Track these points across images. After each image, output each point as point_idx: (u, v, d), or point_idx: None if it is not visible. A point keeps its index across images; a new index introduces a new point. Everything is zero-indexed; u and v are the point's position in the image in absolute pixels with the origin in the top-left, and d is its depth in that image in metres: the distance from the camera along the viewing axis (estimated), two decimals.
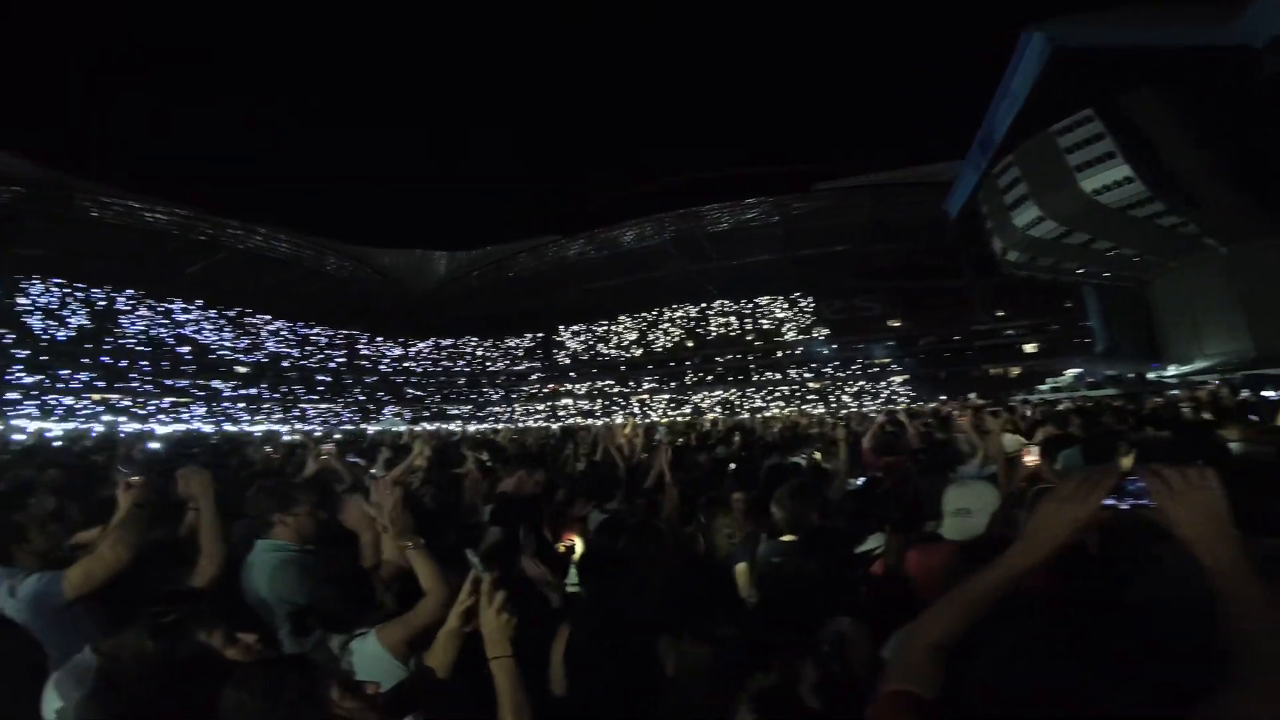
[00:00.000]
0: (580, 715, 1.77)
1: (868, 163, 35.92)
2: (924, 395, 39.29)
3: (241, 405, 44.30)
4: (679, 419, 34.98)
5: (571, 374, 56.53)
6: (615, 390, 54.38)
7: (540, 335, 57.59)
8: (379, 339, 55.96)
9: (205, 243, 40.67)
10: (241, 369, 46.37)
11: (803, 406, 43.40)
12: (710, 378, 52.71)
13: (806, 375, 49.45)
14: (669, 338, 55.08)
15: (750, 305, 52.86)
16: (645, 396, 53.21)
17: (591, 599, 2.24)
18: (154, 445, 9.07)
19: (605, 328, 57.15)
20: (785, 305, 51.91)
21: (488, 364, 59.11)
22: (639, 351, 55.47)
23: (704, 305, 54.04)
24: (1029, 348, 44.21)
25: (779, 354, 51.12)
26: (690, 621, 1.77)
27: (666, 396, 52.55)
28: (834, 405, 43.28)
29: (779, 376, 50.21)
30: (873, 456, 5.28)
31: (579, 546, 3.08)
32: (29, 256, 36.26)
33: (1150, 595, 1.33)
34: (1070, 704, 0.89)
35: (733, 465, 5.49)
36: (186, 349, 43.90)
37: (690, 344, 53.94)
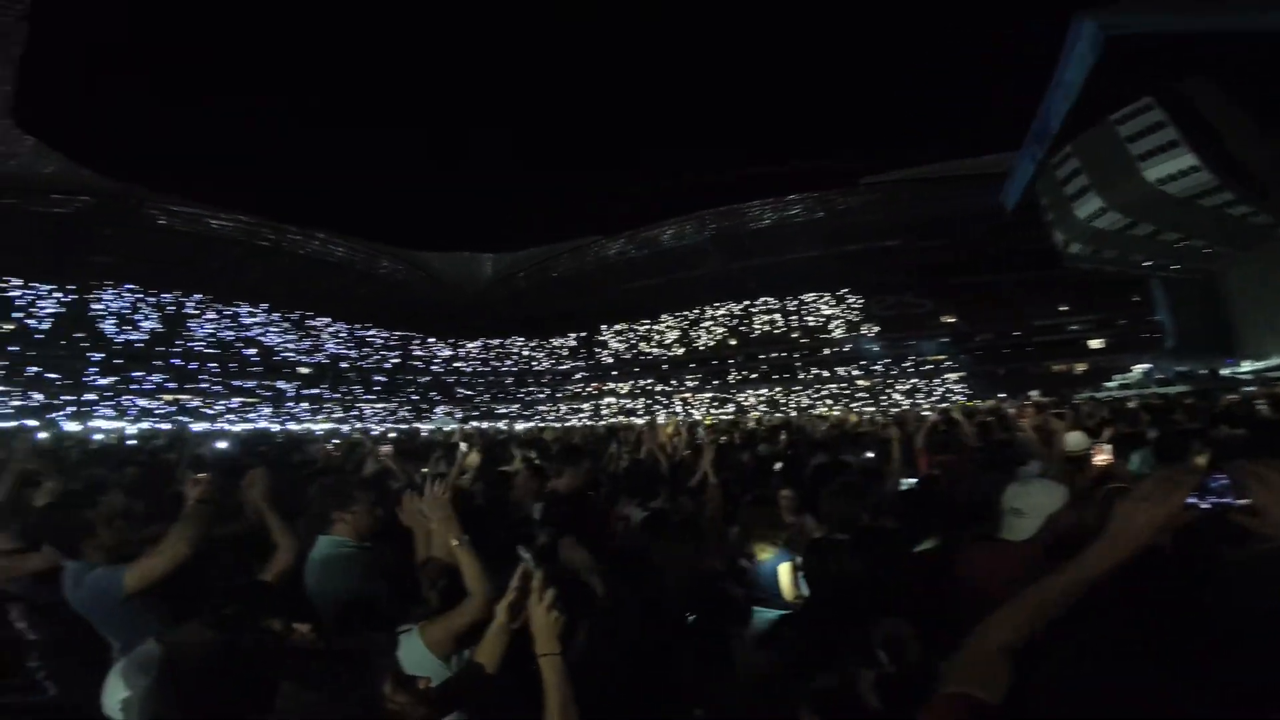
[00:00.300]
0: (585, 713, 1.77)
1: (913, 157, 34.87)
2: (981, 393, 37.86)
3: (304, 405, 46.43)
4: (721, 418, 34.88)
5: (614, 373, 56.94)
6: (657, 389, 54.49)
7: (583, 335, 58.22)
8: (430, 340, 57.68)
9: (267, 248, 42.94)
10: (304, 370, 48.67)
11: (851, 405, 42.45)
12: (754, 376, 52.14)
13: (855, 373, 48.30)
14: (711, 336, 54.73)
15: (795, 302, 51.95)
16: (688, 395, 53.08)
17: (613, 596, 2.22)
18: (222, 444, 9.54)
19: (647, 327, 57.25)
20: (832, 302, 50.84)
21: (533, 363, 60.15)
22: (681, 350, 55.37)
23: (747, 303, 53.42)
24: (1094, 343, 42.08)
25: (825, 351, 50.10)
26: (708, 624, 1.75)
27: (709, 395, 52.29)
28: (885, 404, 42.12)
29: (826, 374, 49.21)
30: (926, 455, 5.10)
31: None
32: (101, 264, 38.76)
33: (1226, 595, 1.28)
34: (1143, 705, 0.86)
35: (778, 464, 5.40)
36: (253, 351, 46.37)
37: (733, 342, 53.47)
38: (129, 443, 10.73)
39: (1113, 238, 20.11)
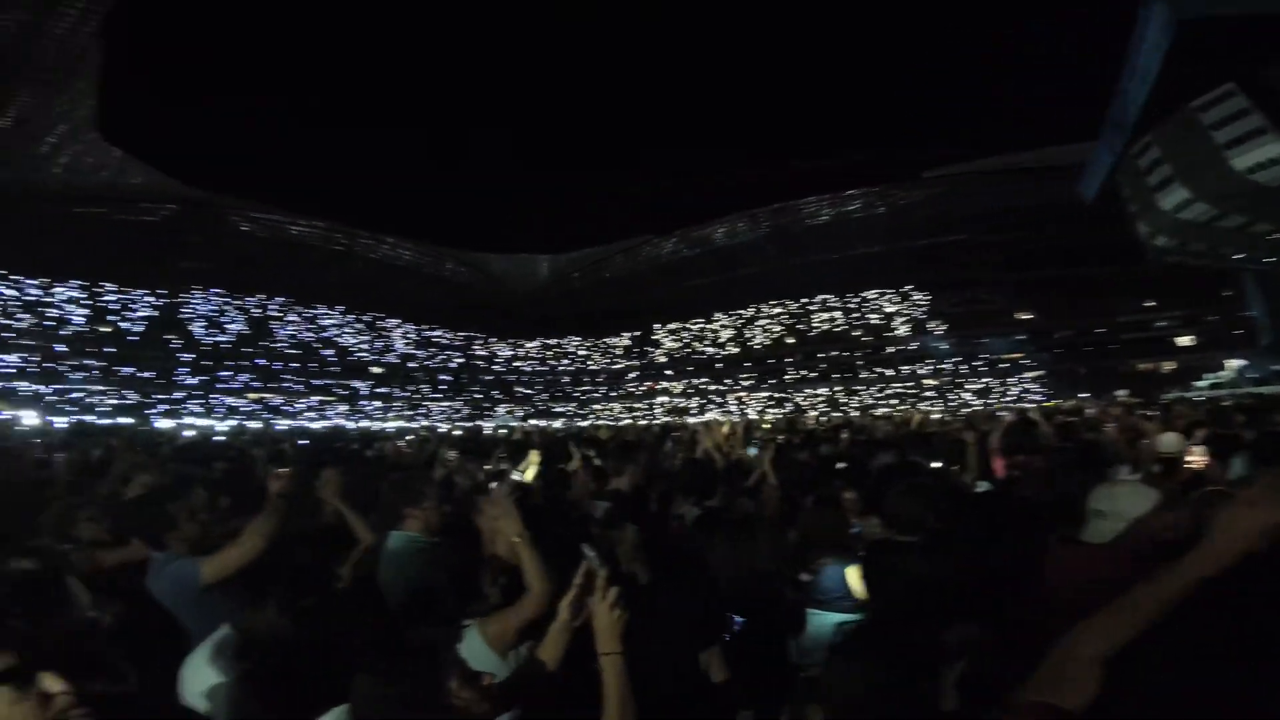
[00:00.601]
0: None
1: (979, 148, 33.33)
2: (1061, 393, 35.64)
3: (376, 404, 48.83)
4: (779, 417, 34.18)
5: (668, 372, 57.02)
6: (711, 388, 54.15)
7: (637, 334, 58.58)
8: (492, 340, 59.53)
9: (341, 252, 45.50)
10: (376, 369, 51.24)
11: (918, 405, 40.84)
12: (813, 375, 51.00)
13: (922, 372, 46.37)
14: (767, 334, 53.92)
15: (856, 299, 50.41)
16: (743, 394, 52.48)
17: (650, 592, 2.20)
18: (303, 441, 10.10)
19: (701, 325, 57.02)
20: (895, 298, 48.92)
21: (589, 363, 61.00)
22: (735, 349, 54.81)
23: (805, 300, 52.28)
24: (1183, 340, 38.87)
25: (890, 350, 48.37)
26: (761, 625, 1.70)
27: (765, 394, 51.50)
28: (954, 403, 40.29)
29: (890, 373, 47.50)
30: (1001, 457, 4.84)
31: None
32: (190, 269, 41.91)
33: None
34: (1231, 708, 0.83)
35: (841, 464, 5.27)
36: (330, 351, 49.20)
37: (790, 340, 52.49)
38: (217, 439, 11.49)
39: (1200, 230, 18.63)
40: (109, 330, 39.05)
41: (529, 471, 4.88)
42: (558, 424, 36.71)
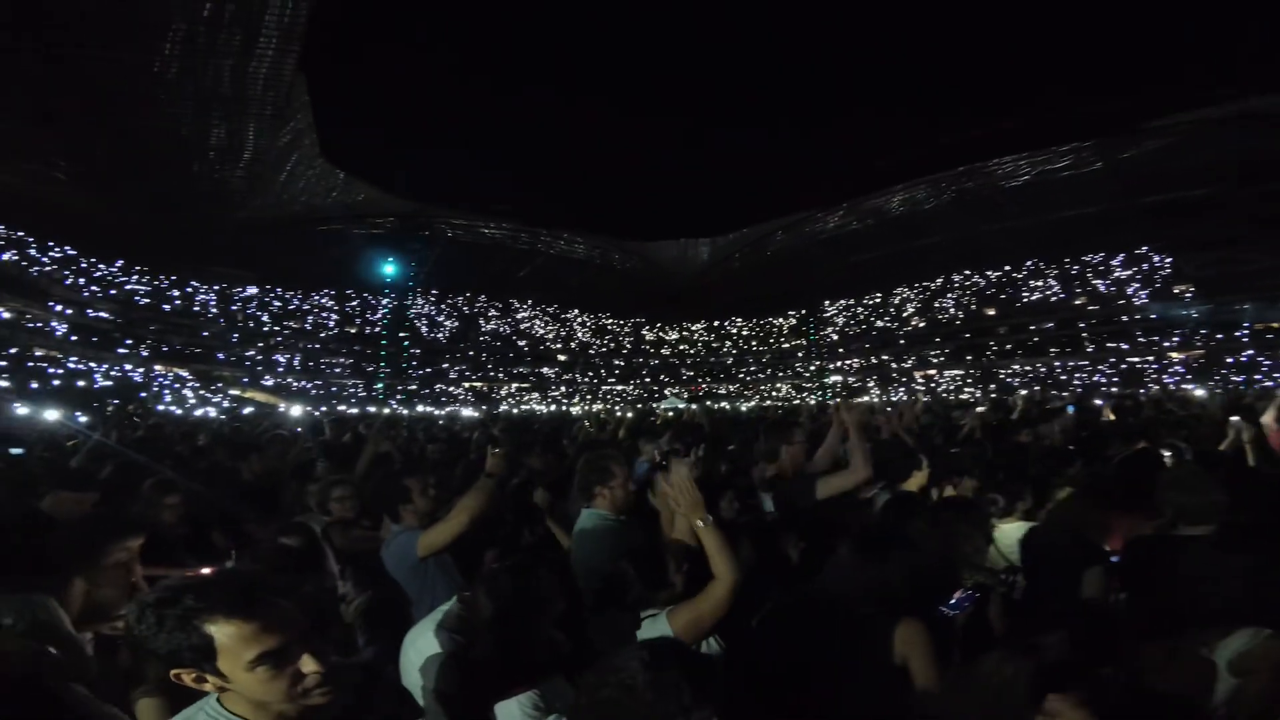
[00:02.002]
0: (760, 691, 1.61)
1: (1208, 93, 26.69)
2: None
3: (561, 390, 53.09)
4: (976, 396, 30.74)
5: (840, 350, 53.82)
6: (893, 365, 49.87)
7: (803, 312, 56.04)
8: (658, 325, 61.44)
9: (526, 250, 49.88)
10: (562, 357, 55.77)
11: (1164, 381, 33.79)
12: (1019, 350, 44.48)
13: (1166, 345, 38.20)
14: (960, 307, 48.21)
15: (1076, 265, 43.06)
16: (931, 371, 47.57)
17: (815, 575, 2.01)
18: (509, 426, 11.10)
19: (877, 300, 52.89)
20: (1122, 261, 41.15)
21: (753, 343, 59.92)
22: (921, 323, 49.79)
23: (1008, 268, 45.97)
24: None
25: (1122, 319, 40.57)
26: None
27: (958, 371, 46.11)
28: (1214, 381, 32.51)
29: (1125, 347, 39.81)
30: None
31: None
32: (412, 273, 48.47)
33: None
34: None
35: (1070, 448, 4.65)
36: (524, 342, 54.52)
37: (990, 312, 46.27)
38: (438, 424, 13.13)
39: None
40: (354, 331, 47.42)
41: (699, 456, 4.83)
42: (723, 405, 36.72)
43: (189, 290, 40.37)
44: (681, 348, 61.71)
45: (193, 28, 22.32)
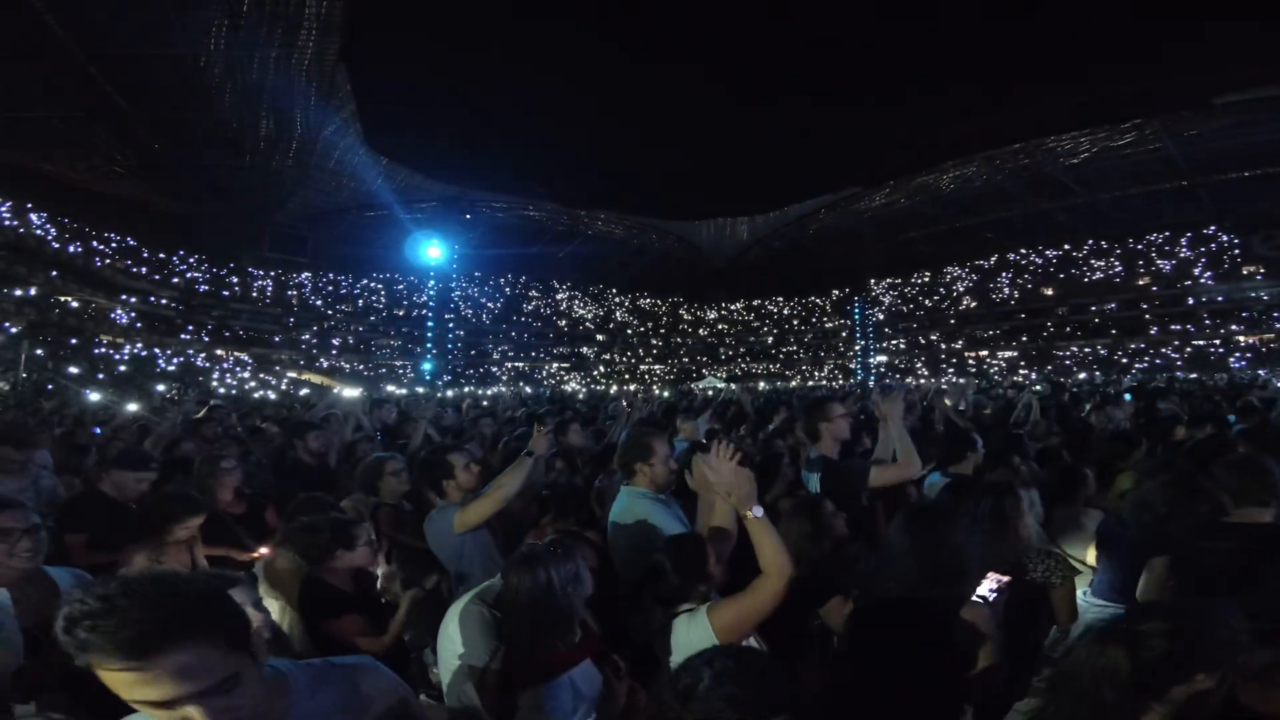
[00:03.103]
0: (849, 692, 1.54)
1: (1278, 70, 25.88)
2: None
3: (600, 370, 53.36)
4: (1031, 378, 29.59)
5: (886, 330, 52.38)
6: (943, 346, 48.25)
7: (847, 291, 54.64)
8: (696, 305, 60.83)
9: (565, 231, 49.90)
10: (601, 336, 56.03)
11: (1230, 364, 32.19)
12: (1078, 331, 42.48)
13: (1234, 328, 36.62)
14: (1016, 287, 46.39)
15: (1140, 244, 41.35)
16: (984, 353, 45.90)
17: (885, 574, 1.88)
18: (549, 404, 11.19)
19: (926, 279, 51.18)
20: (1189, 240, 39.51)
21: (795, 322, 58.82)
22: (973, 303, 47.92)
23: (1067, 247, 44.23)
24: None
25: (1189, 301, 39.02)
26: None
27: (1012, 353, 44.35)
28: None
29: (1190, 329, 37.99)
30: None
31: None
32: (452, 254, 48.58)
33: None
34: None
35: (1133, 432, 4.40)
36: (564, 322, 54.95)
37: (1048, 291, 44.34)
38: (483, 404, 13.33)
39: None
40: (401, 313, 48.52)
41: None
42: (761, 385, 36.33)
43: (247, 277, 42.13)
44: (720, 327, 61.16)
45: (234, 20, 23.11)
